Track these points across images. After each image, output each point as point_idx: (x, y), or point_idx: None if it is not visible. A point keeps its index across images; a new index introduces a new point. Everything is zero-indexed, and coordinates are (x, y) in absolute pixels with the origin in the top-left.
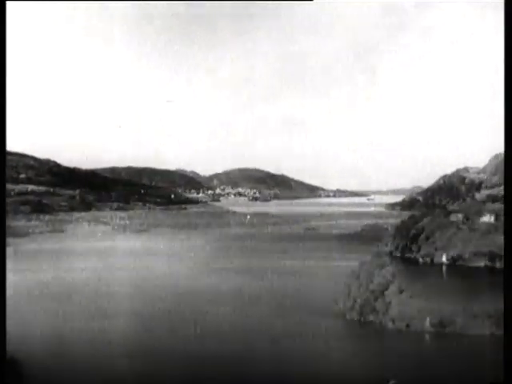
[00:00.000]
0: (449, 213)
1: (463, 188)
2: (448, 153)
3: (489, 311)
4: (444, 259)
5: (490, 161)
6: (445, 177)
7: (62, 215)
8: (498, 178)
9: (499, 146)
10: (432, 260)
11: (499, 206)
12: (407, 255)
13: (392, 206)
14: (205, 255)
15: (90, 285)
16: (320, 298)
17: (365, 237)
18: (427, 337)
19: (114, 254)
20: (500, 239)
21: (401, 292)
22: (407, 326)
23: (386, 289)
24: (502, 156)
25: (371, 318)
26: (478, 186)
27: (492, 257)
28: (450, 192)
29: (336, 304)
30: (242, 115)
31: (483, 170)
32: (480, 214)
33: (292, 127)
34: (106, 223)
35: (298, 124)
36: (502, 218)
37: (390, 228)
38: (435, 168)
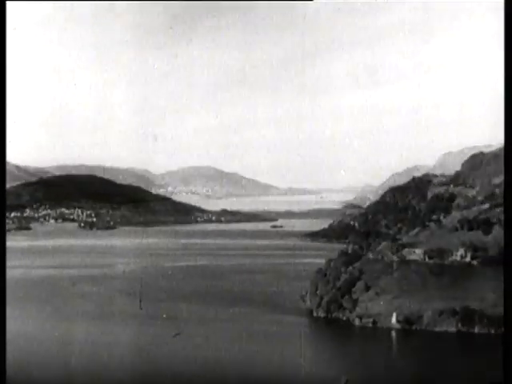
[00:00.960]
0: (401, 247)
1: (424, 206)
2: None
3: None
4: (394, 321)
5: (463, 165)
6: (396, 189)
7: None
8: (479, 190)
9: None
10: (375, 322)
11: (478, 236)
12: (336, 315)
13: (312, 235)
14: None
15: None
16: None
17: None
18: (393, 333)
19: (78, 250)
20: (481, 288)
21: (367, 289)
22: (374, 322)
23: (353, 286)
24: (479, 159)
25: (338, 315)
26: (446, 203)
27: (467, 316)
28: (404, 213)
29: (303, 301)
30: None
31: (454, 180)
32: (450, 248)
33: (246, 126)
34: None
35: (251, 123)
36: (482, 256)
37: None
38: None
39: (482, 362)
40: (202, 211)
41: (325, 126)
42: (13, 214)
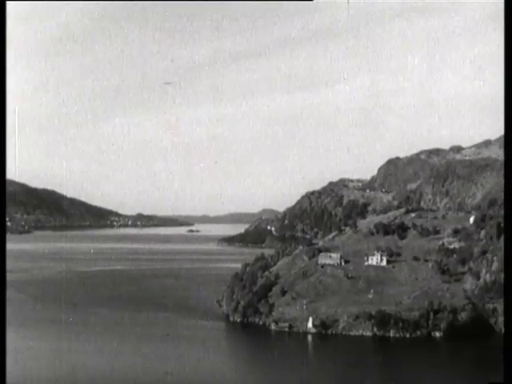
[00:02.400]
0: (318, 251)
1: (340, 211)
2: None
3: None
4: (310, 325)
5: (379, 170)
6: (312, 194)
7: None
8: (395, 195)
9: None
10: (291, 327)
11: (394, 240)
12: (252, 319)
13: (228, 240)
14: None
15: None
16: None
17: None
18: (310, 338)
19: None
20: (398, 291)
21: (284, 293)
22: (290, 327)
23: (270, 290)
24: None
25: (254, 319)
26: (362, 208)
27: (382, 320)
28: (320, 217)
29: (219, 306)
30: None
31: (370, 185)
32: (366, 253)
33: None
34: None
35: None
36: (397, 260)
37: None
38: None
39: (398, 365)
40: (118, 215)
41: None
42: None
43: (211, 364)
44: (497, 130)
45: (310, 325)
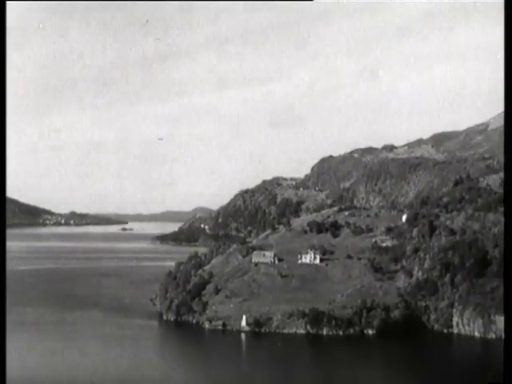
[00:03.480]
0: (251, 249)
1: (274, 210)
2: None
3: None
4: (244, 323)
5: (313, 169)
6: (246, 193)
7: None
8: (328, 194)
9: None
10: (225, 325)
11: (328, 237)
12: (186, 318)
13: (162, 238)
14: None
15: None
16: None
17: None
18: (243, 336)
19: None
20: (331, 290)
21: (217, 292)
22: (224, 325)
23: (203, 289)
24: (327, 163)
25: (188, 318)
26: (295, 206)
27: (316, 318)
28: (254, 216)
29: (153, 304)
30: None
31: (303, 184)
32: (299, 251)
33: None
34: None
35: None
36: (330, 258)
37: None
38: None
39: (329, 363)
40: (51, 214)
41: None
42: None
43: (144, 363)
44: (429, 129)
45: (243, 323)
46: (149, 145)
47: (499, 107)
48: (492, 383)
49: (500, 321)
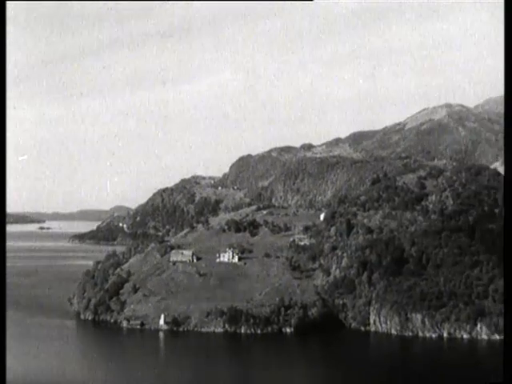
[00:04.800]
0: (170, 248)
1: (192, 208)
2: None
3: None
4: (162, 322)
5: (231, 168)
6: (164, 191)
7: None
8: (246, 193)
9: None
10: (143, 324)
11: (246, 236)
12: (104, 317)
13: (80, 237)
14: None
15: None
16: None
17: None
18: (161, 335)
19: None
20: (249, 288)
21: (135, 291)
22: (142, 324)
23: (121, 288)
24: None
25: (106, 317)
26: (214, 205)
27: (234, 316)
28: (172, 214)
29: (70, 304)
30: None
31: (222, 182)
32: (218, 250)
33: None
34: None
35: None
36: (249, 257)
37: None
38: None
39: (247, 361)
40: None
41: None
42: None
43: (60, 362)
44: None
45: (161, 322)
46: (66, 143)
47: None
48: (492, 383)
49: (416, 318)
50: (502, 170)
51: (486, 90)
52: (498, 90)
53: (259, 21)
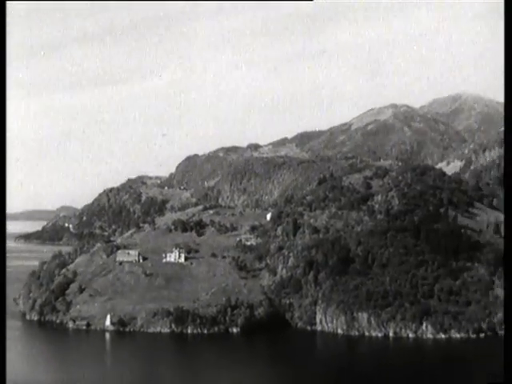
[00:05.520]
0: (116, 248)
1: (138, 208)
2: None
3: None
4: (108, 323)
5: (178, 168)
6: (110, 191)
7: None
8: (193, 193)
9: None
10: (89, 325)
11: (192, 236)
12: (50, 318)
13: (25, 237)
14: None
15: None
16: None
17: None
18: (107, 335)
19: None
20: (196, 288)
21: (81, 291)
22: (88, 324)
23: (67, 288)
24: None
25: (52, 317)
26: (160, 205)
27: (180, 317)
28: (118, 214)
29: (16, 304)
30: None
31: (168, 182)
32: (164, 250)
33: None
34: None
35: None
36: (195, 257)
37: None
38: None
39: (193, 361)
40: None
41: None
42: None
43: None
44: (293, 128)
45: (107, 322)
46: (9, 143)
47: (362, 107)
48: (492, 383)
49: (362, 318)
50: (447, 170)
51: (431, 90)
52: (444, 90)
53: (205, 20)
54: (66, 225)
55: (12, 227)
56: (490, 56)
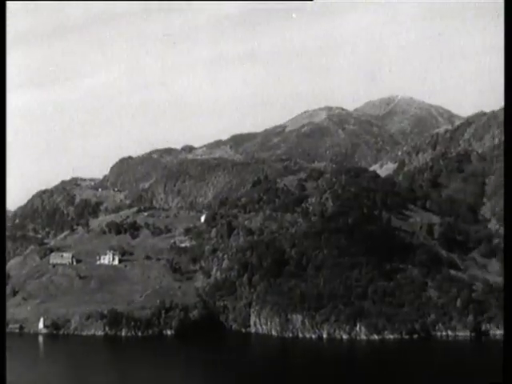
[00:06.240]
0: (49, 250)
1: (72, 210)
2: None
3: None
4: (41, 326)
5: (112, 169)
6: (44, 193)
7: None
8: (127, 195)
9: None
10: (22, 328)
11: (127, 238)
12: None
13: None
14: None
15: None
16: None
17: None
18: (41, 338)
19: None
20: (130, 290)
21: (14, 294)
22: (21, 328)
23: None
24: (126, 163)
25: None
26: (94, 207)
27: (114, 319)
28: (52, 216)
29: None
30: None
31: (102, 184)
32: (98, 252)
33: None
34: None
35: None
36: (130, 259)
37: None
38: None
39: (126, 364)
40: None
41: None
42: None
43: None
44: (227, 130)
45: (41, 325)
46: None
47: (296, 109)
48: (492, 383)
49: (297, 319)
50: (380, 172)
51: (365, 93)
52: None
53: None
54: None
55: None
56: (424, 59)
